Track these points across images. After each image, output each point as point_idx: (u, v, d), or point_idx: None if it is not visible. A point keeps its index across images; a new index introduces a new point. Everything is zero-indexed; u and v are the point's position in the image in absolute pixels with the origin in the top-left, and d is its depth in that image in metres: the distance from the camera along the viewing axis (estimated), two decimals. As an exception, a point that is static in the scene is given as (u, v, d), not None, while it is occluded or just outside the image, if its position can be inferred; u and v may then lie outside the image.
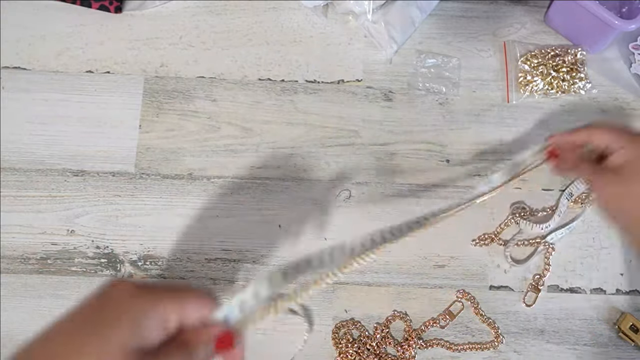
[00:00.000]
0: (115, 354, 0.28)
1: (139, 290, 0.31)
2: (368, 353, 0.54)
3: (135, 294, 0.31)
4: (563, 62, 0.61)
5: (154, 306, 0.31)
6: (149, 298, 0.31)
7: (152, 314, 0.30)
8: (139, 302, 0.30)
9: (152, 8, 0.63)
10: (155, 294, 0.31)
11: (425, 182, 0.59)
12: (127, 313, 0.30)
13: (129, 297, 0.31)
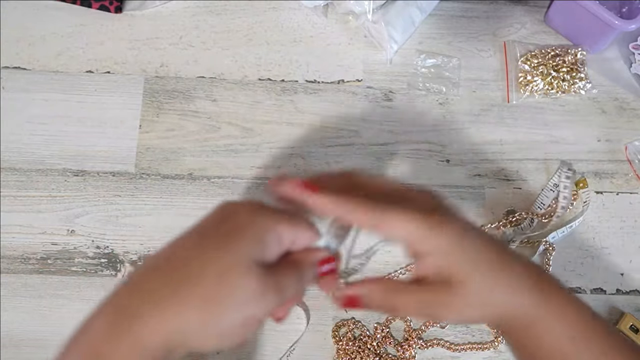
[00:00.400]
0: (240, 263, 0.29)
1: (261, 209, 0.33)
2: (369, 352, 0.54)
3: (257, 212, 0.32)
4: (563, 62, 0.62)
5: (274, 224, 0.32)
6: (269, 217, 0.32)
7: (272, 232, 0.32)
8: (260, 219, 0.32)
9: (152, 8, 0.63)
10: (274, 215, 0.33)
11: (425, 182, 0.59)
12: (250, 228, 0.31)
13: (252, 214, 0.32)
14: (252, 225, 0.31)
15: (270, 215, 0.32)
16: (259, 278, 0.30)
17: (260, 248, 0.31)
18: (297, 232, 0.33)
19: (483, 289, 0.33)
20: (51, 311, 0.55)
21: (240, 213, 0.32)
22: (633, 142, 0.60)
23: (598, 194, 0.59)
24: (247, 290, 0.29)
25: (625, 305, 0.56)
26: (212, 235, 0.31)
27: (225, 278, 0.29)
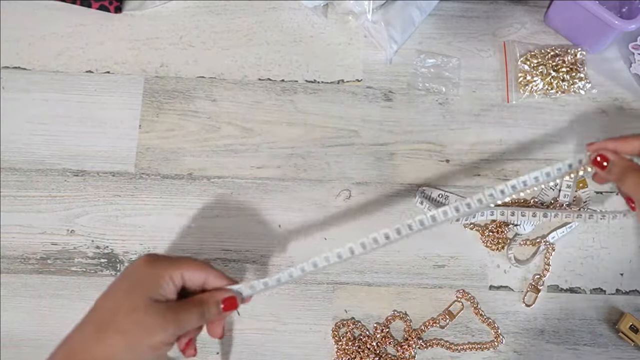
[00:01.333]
0: (141, 304, 0.38)
1: (154, 261, 0.41)
2: (368, 352, 0.54)
3: (150, 265, 0.41)
4: (563, 62, 0.62)
5: (164, 271, 0.40)
6: (160, 266, 0.41)
7: (164, 277, 0.40)
8: (153, 270, 0.40)
9: (152, 8, 0.63)
10: (165, 263, 0.41)
11: (425, 182, 0.59)
12: (145, 277, 0.40)
13: (147, 267, 0.41)
14: (147, 274, 0.40)
15: (160, 264, 0.41)
16: (158, 313, 0.38)
17: (155, 289, 0.39)
18: (185, 273, 0.41)
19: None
20: (51, 311, 0.55)
21: (139, 266, 0.41)
22: (633, 142, 0.60)
23: (598, 194, 0.59)
24: (150, 322, 0.38)
25: (625, 305, 0.56)
26: (120, 289, 0.41)
27: (133, 316, 0.38)
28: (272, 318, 0.55)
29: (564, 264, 0.57)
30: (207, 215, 0.58)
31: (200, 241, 0.57)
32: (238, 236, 0.57)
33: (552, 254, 0.57)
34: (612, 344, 0.55)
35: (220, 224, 0.57)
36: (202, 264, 0.42)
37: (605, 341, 0.55)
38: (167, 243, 0.57)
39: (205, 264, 0.42)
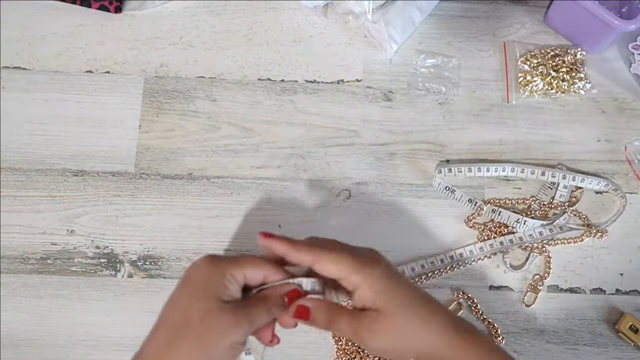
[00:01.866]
0: (212, 306, 0.38)
1: (213, 261, 0.41)
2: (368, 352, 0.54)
3: (211, 264, 0.40)
4: (563, 62, 0.62)
5: (225, 270, 0.40)
6: (220, 265, 0.40)
7: (226, 276, 0.40)
8: (214, 270, 0.40)
9: (152, 8, 0.63)
10: (224, 262, 0.41)
11: (425, 182, 0.59)
12: (209, 278, 0.40)
13: (208, 267, 0.40)
14: (210, 276, 0.40)
15: (221, 264, 0.40)
16: (230, 313, 0.38)
17: (222, 290, 0.39)
18: (246, 271, 0.41)
19: (405, 322, 0.39)
20: (51, 311, 0.55)
21: (200, 269, 0.40)
22: (633, 142, 0.60)
23: (598, 194, 0.59)
24: (224, 323, 0.38)
25: (624, 305, 0.56)
26: (187, 293, 0.40)
27: (207, 320, 0.38)
28: (272, 318, 0.55)
29: (564, 264, 0.57)
30: (207, 215, 0.58)
31: (200, 241, 0.57)
32: (238, 236, 0.57)
33: (551, 258, 0.57)
34: (612, 344, 0.55)
35: (220, 224, 0.57)
36: (261, 262, 0.42)
37: (605, 341, 0.55)
38: (167, 243, 0.57)
39: (264, 261, 0.42)
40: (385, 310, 0.39)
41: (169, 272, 0.56)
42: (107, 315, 0.55)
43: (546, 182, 0.59)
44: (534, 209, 0.58)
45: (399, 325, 0.39)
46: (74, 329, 0.54)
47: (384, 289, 0.39)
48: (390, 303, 0.39)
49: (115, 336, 0.54)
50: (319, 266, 0.40)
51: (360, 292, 0.39)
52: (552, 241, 0.57)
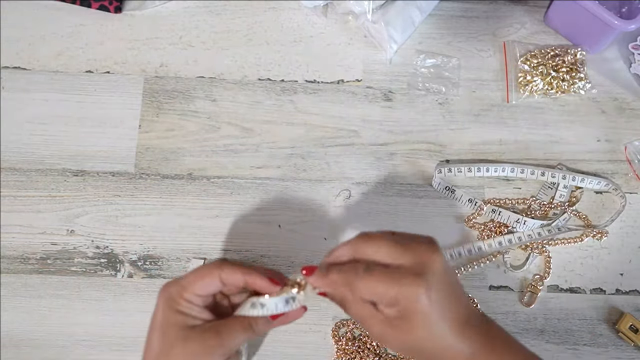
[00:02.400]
0: (177, 336, 0.38)
1: (168, 288, 0.41)
2: (368, 352, 0.54)
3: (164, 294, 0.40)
4: (563, 62, 0.62)
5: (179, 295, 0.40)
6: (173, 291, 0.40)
7: (181, 301, 0.39)
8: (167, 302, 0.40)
9: (152, 8, 0.63)
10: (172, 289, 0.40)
11: (425, 182, 0.59)
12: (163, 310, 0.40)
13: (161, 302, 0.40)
14: (165, 309, 0.40)
15: (171, 292, 0.40)
16: (197, 339, 0.38)
17: (181, 318, 0.39)
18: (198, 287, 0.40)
19: (428, 333, 0.37)
20: (51, 311, 0.55)
21: (157, 307, 0.40)
22: (633, 142, 0.60)
23: (598, 194, 0.59)
24: (191, 351, 0.38)
25: (624, 305, 0.56)
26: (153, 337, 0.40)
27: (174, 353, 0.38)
28: (272, 318, 0.55)
29: (564, 264, 0.57)
30: (207, 215, 0.58)
31: (200, 241, 0.57)
32: (238, 236, 0.57)
33: (551, 258, 0.57)
34: (612, 344, 0.55)
35: (220, 224, 0.57)
36: (206, 272, 0.40)
37: (605, 341, 0.55)
38: (167, 243, 0.57)
39: (211, 268, 0.40)
40: (409, 322, 0.37)
41: (169, 272, 0.56)
42: (107, 315, 0.55)
43: (546, 182, 0.59)
44: (534, 209, 0.58)
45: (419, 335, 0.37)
46: (74, 329, 0.54)
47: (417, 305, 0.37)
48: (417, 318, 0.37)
49: (115, 336, 0.54)
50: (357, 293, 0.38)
51: (389, 309, 0.37)
52: (552, 241, 0.57)
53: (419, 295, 0.36)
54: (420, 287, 0.36)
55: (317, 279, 0.40)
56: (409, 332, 0.37)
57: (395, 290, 0.36)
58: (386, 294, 0.37)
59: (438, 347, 0.38)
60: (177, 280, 0.41)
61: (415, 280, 0.36)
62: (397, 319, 0.37)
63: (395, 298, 0.36)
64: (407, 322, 0.37)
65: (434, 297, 0.36)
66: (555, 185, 0.58)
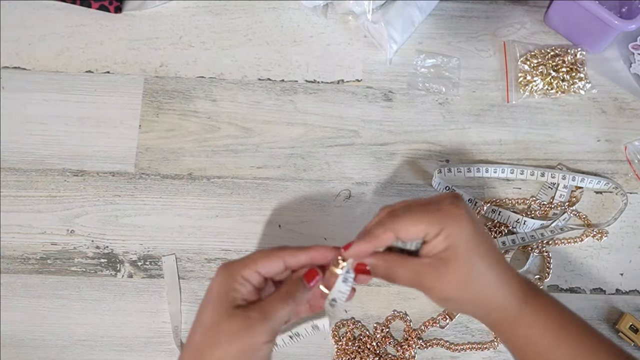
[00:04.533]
0: (222, 313, 0.38)
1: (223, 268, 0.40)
2: (368, 352, 0.54)
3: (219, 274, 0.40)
4: (563, 62, 0.62)
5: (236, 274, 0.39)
6: (229, 271, 0.40)
7: (236, 280, 0.39)
8: (220, 278, 0.40)
9: (152, 8, 0.63)
10: (233, 267, 0.40)
11: (425, 182, 0.59)
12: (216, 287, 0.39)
13: (218, 278, 0.40)
14: (221, 285, 0.39)
15: (231, 269, 0.40)
16: (241, 316, 0.38)
17: (233, 295, 0.39)
18: (259, 266, 0.40)
19: (475, 272, 0.38)
20: (51, 311, 0.55)
21: (214, 280, 0.40)
22: (633, 142, 0.60)
23: (598, 194, 0.59)
24: (233, 328, 0.37)
25: (625, 305, 0.56)
26: (204, 309, 0.40)
27: (217, 329, 0.38)
28: (272, 318, 0.55)
29: (564, 264, 0.57)
30: (207, 215, 0.58)
31: (200, 241, 0.57)
32: (238, 236, 0.57)
33: (551, 258, 0.57)
34: (612, 344, 0.55)
35: (220, 224, 0.57)
36: (271, 252, 0.40)
37: (605, 341, 0.55)
38: (167, 243, 0.57)
39: (276, 250, 0.41)
40: (455, 259, 0.38)
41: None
42: (107, 315, 0.55)
43: (546, 182, 0.59)
44: (534, 209, 0.58)
45: (468, 274, 0.38)
46: (74, 329, 0.54)
47: (459, 236, 0.38)
48: (462, 252, 0.38)
49: (115, 336, 0.54)
50: (402, 234, 0.39)
51: (435, 241, 0.38)
52: (552, 241, 0.57)
53: (462, 217, 0.38)
54: (460, 209, 0.38)
55: (360, 244, 0.40)
56: (458, 269, 0.38)
57: (440, 217, 0.38)
58: (431, 222, 0.38)
59: (487, 290, 0.38)
60: (240, 259, 0.41)
61: (456, 209, 0.39)
62: (445, 251, 0.38)
63: (440, 225, 0.38)
64: (456, 254, 0.38)
65: (476, 227, 0.38)
66: (555, 185, 0.58)
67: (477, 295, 0.39)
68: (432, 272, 0.38)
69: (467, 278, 0.38)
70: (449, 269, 0.38)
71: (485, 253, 0.39)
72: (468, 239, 0.38)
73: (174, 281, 0.56)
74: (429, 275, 0.38)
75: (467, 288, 0.38)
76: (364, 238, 0.40)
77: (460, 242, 0.38)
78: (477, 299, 0.39)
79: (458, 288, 0.38)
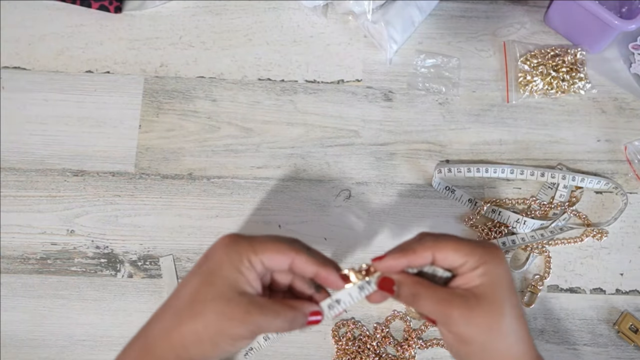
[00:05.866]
0: (221, 295, 0.35)
1: (234, 243, 0.37)
2: (368, 352, 0.54)
3: (229, 248, 0.37)
4: (563, 62, 0.62)
5: (244, 256, 0.36)
6: (239, 250, 0.37)
7: (244, 263, 0.36)
8: (232, 255, 0.37)
9: (152, 8, 0.63)
10: (245, 246, 0.37)
11: (425, 182, 0.59)
12: (224, 264, 0.36)
13: (225, 250, 0.37)
14: (226, 260, 0.37)
15: (239, 247, 0.37)
16: (241, 306, 0.35)
17: (236, 277, 0.36)
18: (266, 256, 0.37)
19: (505, 317, 0.36)
20: (51, 311, 0.55)
21: (217, 251, 0.37)
22: (633, 142, 0.60)
23: (598, 194, 0.59)
24: (231, 314, 0.35)
25: (625, 305, 0.56)
26: (201, 273, 0.37)
27: (213, 305, 0.35)
28: (272, 318, 0.55)
29: (564, 264, 0.57)
30: (207, 215, 0.58)
31: (200, 241, 0.57)
32: (238, 236, 0.57)
33: (551, 258, 0.57)
34: (612, 344, 0.55)
35: (220, 224, 0.57)
36: (283, 247, 0.37)
37: (605, 341, 0.55)
38: (167, 243, 0.57)
39: (289, 246, 0.38)
40: (488, 297, 0.36)
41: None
42: (107, 315, 0.55)
43: (546, 182, 0.59)
44: (534, 209, 0.58)
45: (499, 317, 0.35)
46: (74, 329, 0.54)
47: (497, 278, 0.36)
48: (499, 294, 0.36)
49: (115, 336, 0.54)
50: (440, 256, 0.37)
51: (471, 274, 0.36)
52: (552, 241, 0.57)
53: (502, 259, 0.37)
54: (501, 251, 0.37)
55: (395, 255, 0.38)
56: (492, 310, 0.35)
57: (481, 251, 0.37)
58: (472, 253, 0.36)
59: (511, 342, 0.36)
60: (249, 238, 0.38)
61: (498, 250, 0.37)
62: (480, 287, 0.36)
63: (481, 259, 0.36)
64: (492, 293, 0.36)
65: (511, 276, 0.37)
66: (555, 185, 0.58)
67: (500, 344, 0.36)
68: (462, 305, 0.36)
69: (497, 322, 0.36)
70: (482, 306, 0.35)
71: (516, 303, 0.37)
72: (506, 283, 0.37)
73: (172, 282, 0.56)
74: (457, 307, 0.36)
75: (493, 332, 0.36)
76: (400, 251, 0.38)
77: (498, 281, 0.36)
78: (498, 347, 0.36)
79: (485, 331, 0.36)
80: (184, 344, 0.36)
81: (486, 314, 0.35)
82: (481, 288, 0.36)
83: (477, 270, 0.36)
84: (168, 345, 0.36)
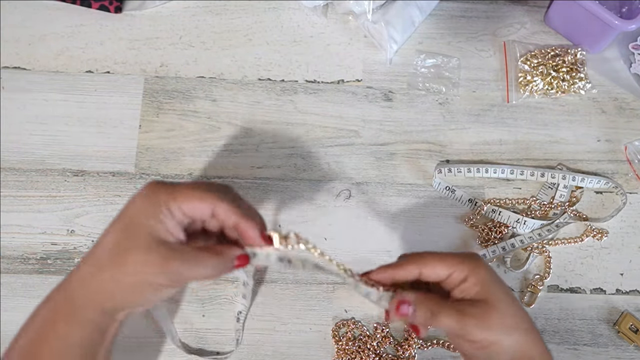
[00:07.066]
0: (141, 241, 0.35)
1: (152, 192, 0.37)
2: (368, 352, 0.54)
3: (148, 198, 0.37)
4: (563, 62, 0.62)
5: (162, 203, 0.36)
6: (158, 198, 0.36)
7: (162, 210, 0.36)
8: (149, 205, 0.36)
9: (152, 8, 0.63)
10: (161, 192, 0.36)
11: (425, 182, 0.59)
12: (142, 213, 0.36)
13: (144, 201, 0.37)
14: (145, 208, 0.36)
15: (159, 195, 0.36)
16: (159, 254, 0.35)
17: (154, 225, 0.36)
18: (185, 205, 0.36)
19: (510, 314, 0.38)
20: (51, 311, 0.55)
21: (136, 200, 0.37)
22: (633, 142, 0.60)
23: (598, 194, 0.59)
24: (150, 262, 0.35)
25: (625, 305, 0.56)
26: (122, 221, 0.37)
27: (132, 254, 0.35)
28: (272, 318, 0.55)
29: (564, 264, 0.57)
30: (207, 215, 0.58)
31: (200, 241, 0.57)
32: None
33: (551, 258, 0.57)
34: (612, 344, 0.55)
35: (220, 224, 0.57)
36: (205, 194, 0.37)
37: (605, 341, 0.55)
38: (167, 243, 0.57)
39: (211, 194, 0.37)
40: (493, 300, 0.38)
41: (169, 272, 0.56)
42: (107, 315, 0.55)
43: (546, 182, 0.59)
44: (534, 209, 0.58)
45: (506, 316, 0.38)
46: (74, 329, 0.54)
47: (490, 280, 0.39)
48: (497, 294, 0.38)
49: (115, 336, 0.54)
50: (427, 270, 0.39)
51: (466, 284, 0.38)
52: (552, 241, 0.57)
53: (484, 263, 0.39)
54: (480, 257, 0.40)
55: (380, 270, 0.40)
56: (503, 311, 0.38)
57: (462, 260, 0.39)
58: (457, 264, 0.38)
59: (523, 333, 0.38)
60: (170, 186, 0.37)
61: (478, 257, 0.40)
62: (480, 293, 0.38)
63: (467, 268, 0.38)
64: (495, 296, 0.38)
65: (496, 277, 0.39)
66: (555, 185, 0.58)
67: (511, 341, 0.38)
68: (474, 314, 0.37)
69: (509, 317, 0.38)
70: (490, 309, 0.38)
71: (514, 296, 0.40)
72: (499, 283, 0.39)
73: None
74: (471, 317, 0.37)
75: (505, 331, 0.38)
76: (386, 267, 0.40)
77: (493, 284, 0.39)
78: (509, 344, 0.38)
79: (502, 329, 0.38)
80: (104, 292, 0.36)
81: (497, 314, 0.38)
82: (481, 294, 0.38)
83: (470, 280, 0.38)
84: (87, 293, 0.36)
